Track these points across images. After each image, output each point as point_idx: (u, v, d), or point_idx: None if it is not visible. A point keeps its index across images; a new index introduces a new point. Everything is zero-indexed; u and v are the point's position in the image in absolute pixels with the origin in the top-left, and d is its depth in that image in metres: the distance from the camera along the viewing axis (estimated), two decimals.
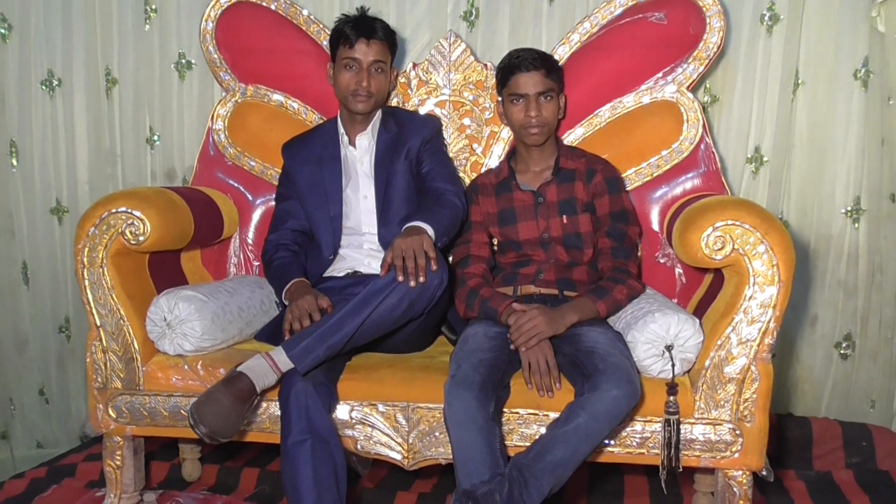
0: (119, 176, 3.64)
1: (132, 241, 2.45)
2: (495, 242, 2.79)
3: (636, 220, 2.69)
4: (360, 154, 2.81)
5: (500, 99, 2.72)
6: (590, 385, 2.14)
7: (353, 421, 2.41)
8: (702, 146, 2.88)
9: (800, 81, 3.22)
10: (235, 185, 3.12)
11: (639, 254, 2.81)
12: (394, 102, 3.06)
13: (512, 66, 2.61)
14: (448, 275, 2.37)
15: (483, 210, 2.73)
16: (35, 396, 3.84)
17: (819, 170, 3.26)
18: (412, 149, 2.78)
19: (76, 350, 3.75)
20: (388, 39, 2.75)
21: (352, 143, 2.82)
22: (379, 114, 2.84)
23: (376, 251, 2.75)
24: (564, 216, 2.63)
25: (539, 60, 2.60)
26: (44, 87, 3.64)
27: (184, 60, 3.51)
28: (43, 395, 3.83)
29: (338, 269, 2.77)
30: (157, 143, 3.59)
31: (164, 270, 2.72)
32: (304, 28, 3.07)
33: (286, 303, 2.56)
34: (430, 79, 3.06)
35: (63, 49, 3.59)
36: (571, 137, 2.95)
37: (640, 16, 2.90)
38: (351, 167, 2.81)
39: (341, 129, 2.84)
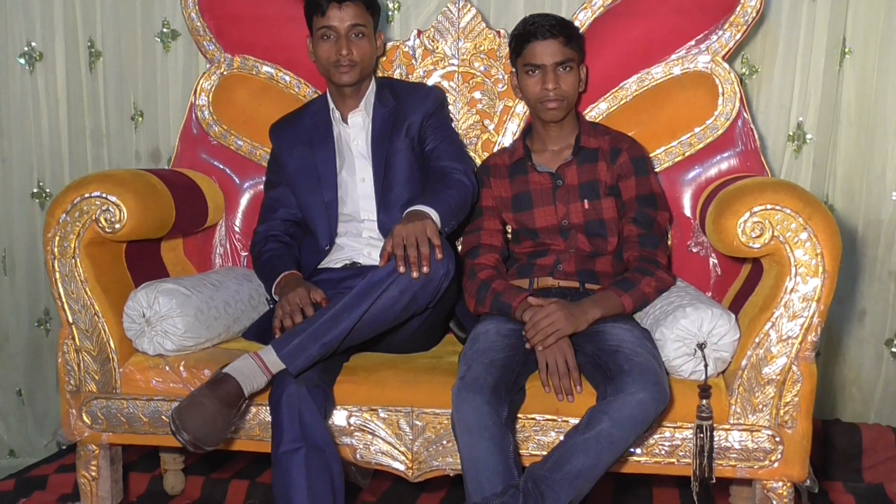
0: (105, 157, 3.66)
1: (107, 229, 2.46)
2: (509, 230, 2.79)
3: (666, 205, 2.68)
4: (354, 132, 2.81)
5: (514, 70, 2.72)
6: (613, 388, 2.14)
7: (352, 428, 2.42)
8: (739, 122, 2.87)
9: (847, 50, 3.19)
10: (221, 166, 3.12)
11: (669, 242, 2.81)
12: (396, 74, 3.06)
13: (527, 33, 2.60)
14: (455, 265, 2.37)
15: (495, 194, 2.72)
16: (13, 397, 3.86)
17: (868, 149, 3.24)
18: (413, 125, 2.78)
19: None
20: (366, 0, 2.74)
21: (344, 119, 2.82)
22: (372, 86, 2.83)
23: (376, 239, 2.75)
24: (586, 200, 2.63)
25: (557, 27, 2.59)
26: (23, 61, 3.65)
27: (168, 30, 3.51)
28: (20, 395, 3.85)
29: (334, 260, 2.77)
30: (141, 120, 3.60)
31: (143, 261, 2.73)
32: None
33: (277, 298, 2.57)
34: (437, 48, 3.05)
35: (43, 18, 3.60)
36: (594, 113, 2.94)
37: None
38: (345, 147, 2.81)
39: (332, 105, 2.84)
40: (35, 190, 3.73)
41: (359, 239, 2.79)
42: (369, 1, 2.74)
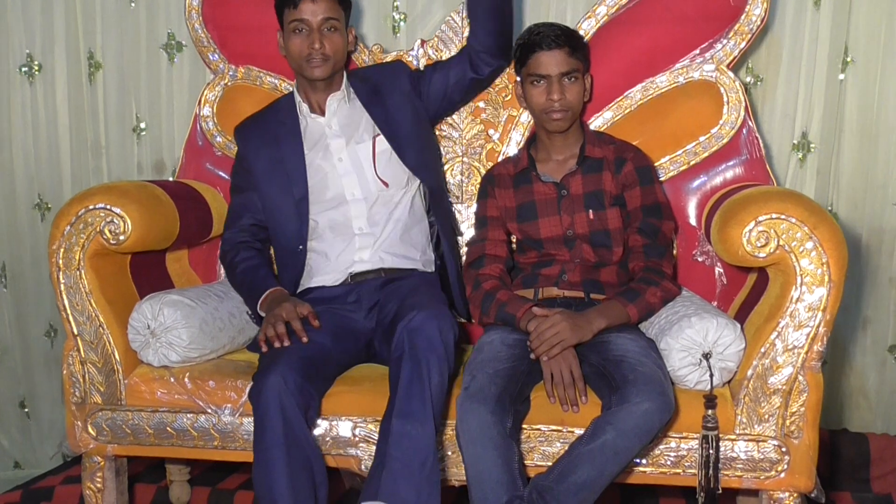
0: (104, 168, 3.66)
1: (112, 241, 2.46)
2: (513, 240, 2.78)
3: (671, 215, 2.67)
4: (327, 119, 2.80)
5: (518, 79, 2.72)
6: (618, 398, 2.13)
7: (357, 439, 2.41)
8: (744, 131, 2.86)
9: (849, 59, 3.19)
10: (226, 177, 3.11)
11: (674, 252, 2.80)
12: None
13: (532, 43, 2.58)
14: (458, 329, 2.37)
15: (500, 204, 2.72)
16: (15, 410, 3.86)
17: (871, 157, 3.23)
18: (405, 89, 2.84)
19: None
20: None
21: (314, 110, 2.81)
22: (345, 78, 2.84)
23: (367, 234, 2.73)
24: (591, 211, 2.62)
25: (562, 37, 2.57)
26: (22, 73, 3.66)
27: (173, 41, 3.52)
28: (24, 408, 3.85)
29: (330, 279, 2.74)
30: (144, 132, 3.60)
31: (148, 273, 2.74)
32: None
33: (263, 314, 2.56)
34: (441, 57, 3.04)
35: (42, 30, 3.61)
36: (598, 122, 2.94)
37: None
38: (315, 137, 2.80)
39: (298, 99, 2.83)
40: (37, 201, 3.73)
41: (351, 241, 2.74)
42: None
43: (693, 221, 2.87)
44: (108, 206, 2.45)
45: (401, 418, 2.21)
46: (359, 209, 2.75)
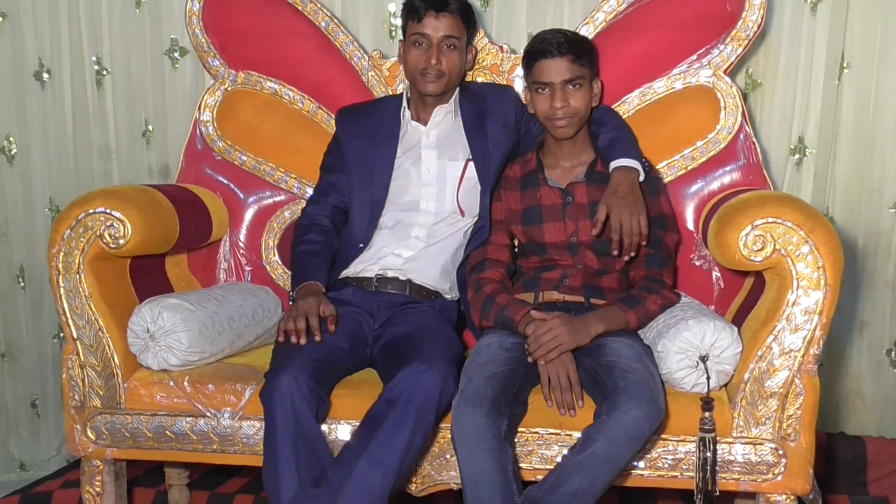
0: (115, 172, 3.67)
1: (112, 245, 2.46)
2: (516, 244, 2.78)
3: (675, 227, 2.67)
4: (427, 128, 2.80)
5: (526, 86, 2.68)
6: (608, 405, 2.14)
7: None
8: (741, 136, 2.87)
9: (846, 64, 3.20)
10: (225, 181, 3.13)
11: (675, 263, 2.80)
12: (399, 89, 3.04)
13: (536, 51, 2.56)
14: (454, 383, 2.32)
15: (506, 207, 2.71)
16: (27, 410, 3.87)
17: (867, 161, 3.25)
18: (510, 118, 2.81)
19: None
20: (463, 13, 2.72)
21: (417, 118, 2.82)
22: (456, 91, 2.83)
23: (422, 241, 2.73)
24: (595, 219, 2.61)
25: (566, 44, 2.53)
26: (36, 79, 3.66)
27: (176, 47, 3.53)
28: (35, 407, 3.86)
29: (362, 269, 2.74)
30: (152, 137, 3.61)
31: (148, 277, 2.74)
32: (299, 7, 3.08)
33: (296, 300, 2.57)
34: None
35: (51, 36, 3.61)
36: None
37: None
38: (414, 142, 2.80)
39: (405, 105, 2.84)
40: (48, 206, 3.75)
41: (403, 241, 2.74)
42: (467, 15, 2.74)
43: (690, 226, 2.88)
44: (108, 210, 2.46)
45: (370, 463, 2.19)
46: (425, 220, 2.76)
